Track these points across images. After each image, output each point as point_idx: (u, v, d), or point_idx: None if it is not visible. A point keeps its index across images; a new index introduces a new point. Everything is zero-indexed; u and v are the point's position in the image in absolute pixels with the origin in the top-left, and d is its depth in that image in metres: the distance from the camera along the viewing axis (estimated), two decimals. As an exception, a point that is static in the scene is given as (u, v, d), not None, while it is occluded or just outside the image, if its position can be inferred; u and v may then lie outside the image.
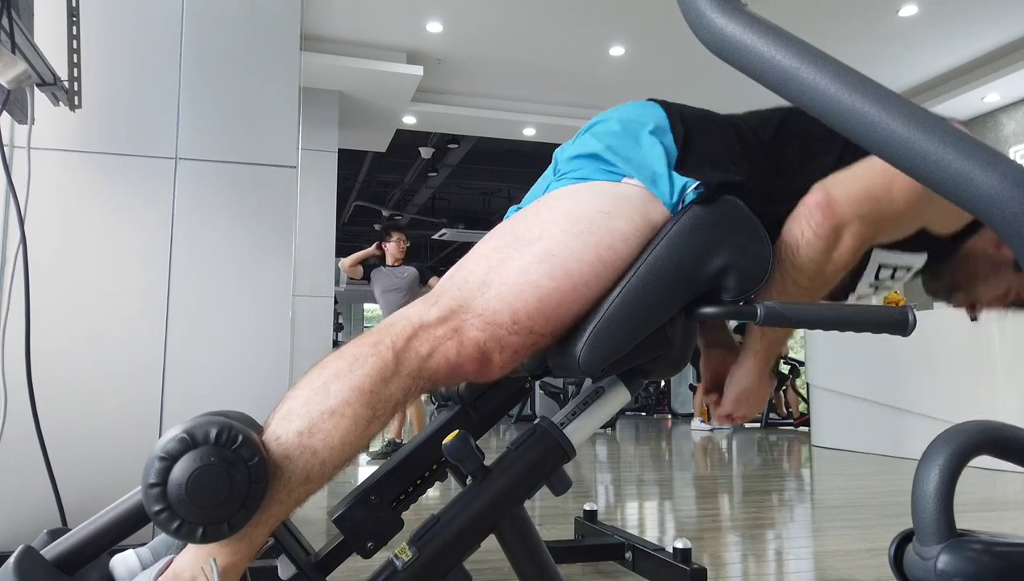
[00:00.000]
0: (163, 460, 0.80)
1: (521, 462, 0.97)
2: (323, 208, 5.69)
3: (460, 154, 8.64)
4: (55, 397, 1.81)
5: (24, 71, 1.40)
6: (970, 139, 0.50)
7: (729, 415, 1.14)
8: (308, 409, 0.87)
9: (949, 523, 0.69)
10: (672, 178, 0.98)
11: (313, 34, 5.32)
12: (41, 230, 1.86)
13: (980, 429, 0.73)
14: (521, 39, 5.48)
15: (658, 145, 1.00)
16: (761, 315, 0.92)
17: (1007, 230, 0.48)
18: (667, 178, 0.98)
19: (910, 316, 0.94)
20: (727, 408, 1.13)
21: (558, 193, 1.03)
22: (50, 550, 0.90)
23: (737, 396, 1.12)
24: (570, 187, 1.02)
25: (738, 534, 2.50)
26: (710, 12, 0.60)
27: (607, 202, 0.98)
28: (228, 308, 1.99)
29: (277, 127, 2.09)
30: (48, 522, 1.27)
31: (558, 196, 1.02)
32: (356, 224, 13.23)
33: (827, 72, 0.55)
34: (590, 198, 0.99)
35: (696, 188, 0.97)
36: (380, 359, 0.89)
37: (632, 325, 0.94)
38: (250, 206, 2.04)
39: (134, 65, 2.00)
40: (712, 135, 1.04)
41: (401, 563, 0.91)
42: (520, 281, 0.93)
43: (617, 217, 0.97)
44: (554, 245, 0.95)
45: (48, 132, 1.89)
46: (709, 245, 0.95)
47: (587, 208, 0.98)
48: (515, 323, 0.93)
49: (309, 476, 0.87)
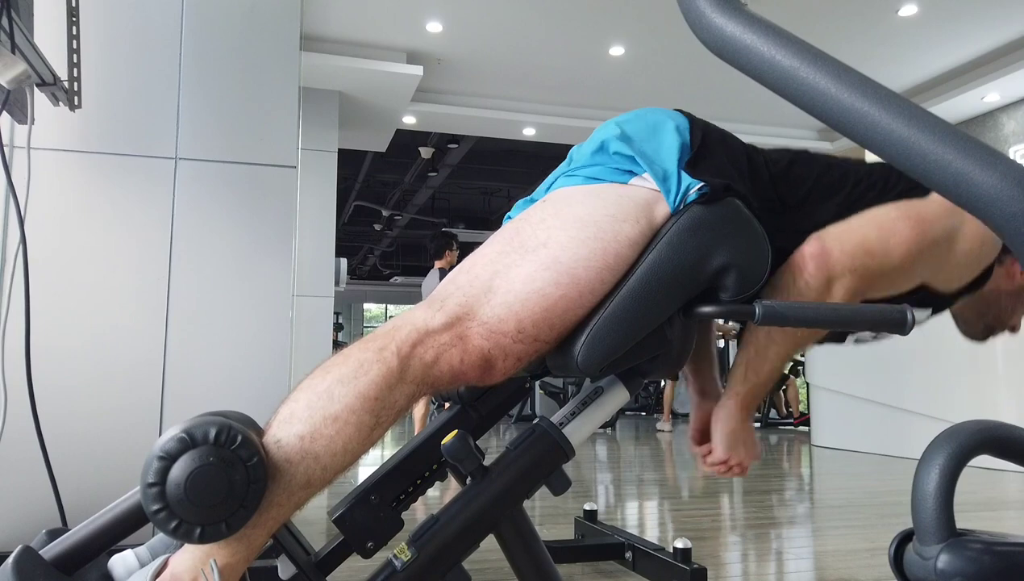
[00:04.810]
0: (162, 459, 0.80)
1: (520, 462, 0.97)
2: (323, 208, 5.69)
3: (460, 154, 8.64)
4: (55, 397, 1.80)
5: (24, 71, 1.40)
6: (970, 139, 0.50)
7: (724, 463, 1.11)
8: (311, 414, 0.87)
9: (949, 523, 0.69)
10: (680, 177, 0.98)
11: (313, 34, 5.31)
12: (41, 230, 1.86)
13: (980, 429, 0.73)
14: (521, 39, 5.47)
15: (675, 144, 1.00)
16: (759, 314, 0.92)
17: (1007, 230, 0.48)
18: (676, 177, 0.98)
19: (909, 315, 0.94)
20: (719, 454, 1.11)
21: (564, 195, 1.02)
22: (49, 550, 0.90)
23: (724, 440, 1.09)
24: (576, 189, 1.01)
25: (738, 534, 2.50)
26: (710, 12, 0.60)
27: (614, 206, 0.97)
28: (228, 308, 1.99)
29: (277, 127, 2.09)
30: (48, 522, 1.27)
31: (565, 199, 1.01)
32: (356, 224, 13.23)
33: (827, 72, 0.55)
34: (597, 202, 0.98)
35: (699, 189, 0.97)
36: (385, 365, 0.89)
37: (631, 325, 0.94)
38: (250, 206, 2.04)
39: (134, 65, 2.00)
40: (726, 151, 1.05)
41: (400, 563, 0.91)
42: (526, 289, 0.92)
43: (623, 221, 0.96)
44: (560, 251, 0.94)
45: (48, 132, 1.89)
46: (708, 244, 0.95)
47: (594, 212, 0.97)
48: (520, 332, 0.92)
49: (310, 481, 0.86)
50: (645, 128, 1.04)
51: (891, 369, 5.14)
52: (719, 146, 1.04)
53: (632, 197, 0.98)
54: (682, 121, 1.05)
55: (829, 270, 0.99)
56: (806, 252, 1.00)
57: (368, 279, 18.98)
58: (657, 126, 1.03)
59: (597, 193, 0.99)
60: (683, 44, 5.36)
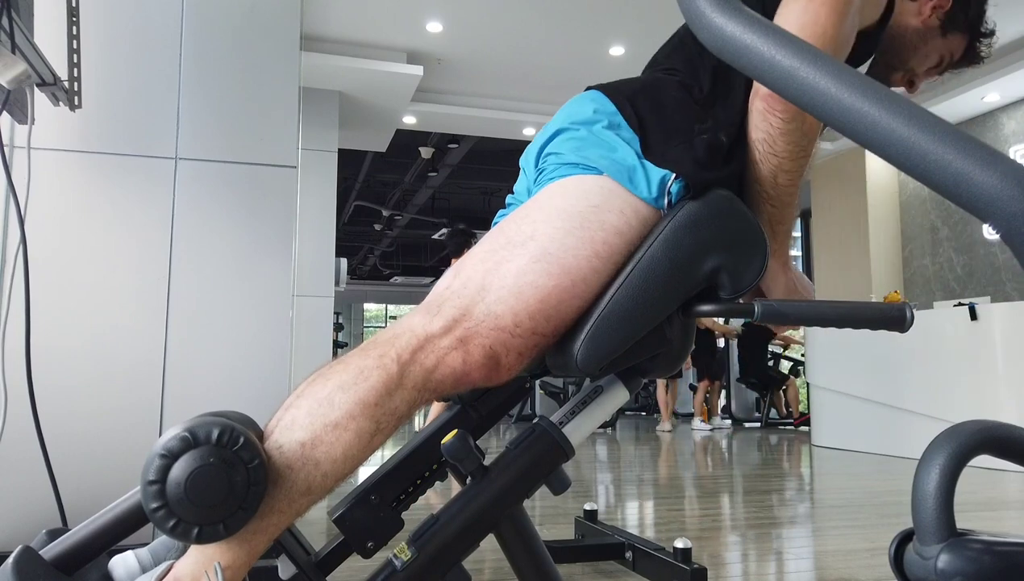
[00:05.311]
0: (163, 458, 0.80)
1: (520, 461, 0.97)
2: (323, 208, 5.69)
3: (460, 154, 8.65)
4: (55, 397, 1.81)
5: (24, 71, 1.40)
6: (970, 139, 0.50)
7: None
8: (312, 420, 0.87)
9: (949, 523, 0.69)
10: (646, 170, 0.97)
11: (313, 34, 5.31)
12: (41, 230, 1.86)
13: (980, 429, 0.73)
14: (521, 39, 5.48)
15: (618, 138, 0.99)
16: (759, 312, 0.92)
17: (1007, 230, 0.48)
18: (641, 172, 0.97)
19: (908, 313, 0.94)
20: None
21: (545, 192, 1.02)
22: (49, 550, 0.90)
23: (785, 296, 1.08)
24: (556, 184, 1.01)
25: (738, 534, 2.50)
26: (710, 12, 0.60)
27: (596, 196, 0.97)
28: (228, 308, 1.99)
29: (277, 127, 2.09)
30: (48, 522, 1.27)
31: (546, 194, 1.01)
32: (356, 224, 13.23)
33: (827, 72, 0.55)
34: (579, 193, 0.98)
35: (676, 179, 0.95)
36: (385, 372, 0.89)
37: (629, 324, 0.94)
38: (250, 206, 2.04)
39: (134, 65, 2.00)
40: (662, 104, 1.03)
41: (400, 563, 0.91)
42: (519, 282, 0.93)
43: (607, 210, 0.96)
44: (548, 243, 0.94)
45: (48, 132, 1.89)
46: (705, 242, 0.95)
47: (577, 203, 0.97)
48: (517, 326, 0.92)
49: (310, 487, 0.87)
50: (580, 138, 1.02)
51: (891, 369, 5.14)
52: (653, 103, 1.02)
53: (611, 188, 0.97)
54: (605, 104, 1.03)
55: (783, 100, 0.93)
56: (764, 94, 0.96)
57: (368, 279, 18.99)
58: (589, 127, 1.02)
59: (577, 185, 0.99)
60: (683, 44, 5.35)
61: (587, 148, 1.01)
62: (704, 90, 1.05)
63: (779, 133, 0.97)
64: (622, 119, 1.01)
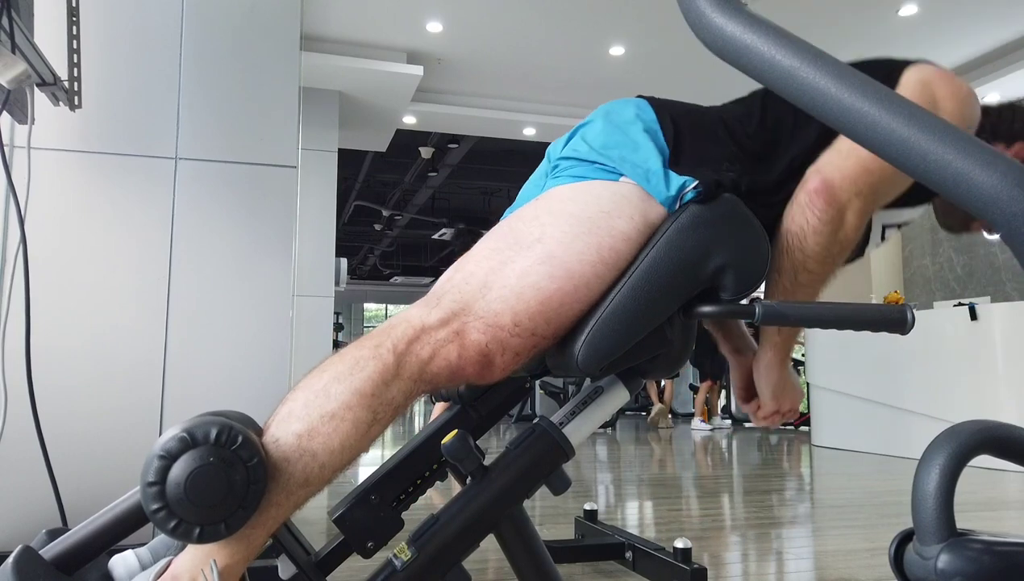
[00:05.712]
0: (162, 459, 0.80)
1: (520, 462, 0.97)
2: (323, 208, 5.69)
3: (460, 154, 8.64)
4: (55, 397, 1.81)
5: (24, 71, 1.40)
6: (970, 139, 0.50)
7: (776, 412, 1.12)
8: (308, 412, 0.87)
9: (949, 523, 0.69)
10: (668, 176, 0.98)
11: (313, 34, 5.31)
12: (41, 230, 1.86)
13: (980, 429, 0.73)
14: (521, 39, 5.47)
15: (650, 142, 1.00)
16: (759, 314, 0.92)
17: (1007, 230, 0.48)
18: (662, 175, 0.98)
19: (908, 315, 0.94)
20: (769, 407, 1.12)
21: (556, 193, 1.02)
22: (49, 550, 0.90)
23: (771, 391, 1.11)
24: (569, 186, 1.02)
25: (738, 534, 2.50)
26: (710, 12, 0.60)
27: (607, 202, 0.97)
28: (228, 308, 1.99)
29: (277, 127, 2.09)
30: (48, 522, 1.27)
31: (557, 196, 1.02)
32: (356, 224, 13.23)
33: (827, 72, 0.55)
34: (590, 198, 0.99)
35: (695, 187, 0.97)
36: (381, 362, 0.89)
37: (630, 324, 0.94)
38: (250, 206, 2.04)
39: (134, 65, 2.00)
40: (702, 132, 1.04)
41: (400, 563, 0.91)
42: (521, 283, 0.93)
43: (617, 217, 0.96)
44: (555, 246, 0.95)
45: (48, 132, 1.89)
46: (707, 244, 0.95)
47: (587, 208, 0.97)
48: (517, 326, 0.92)
49: (308, 479, 0.86)
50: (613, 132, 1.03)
51: (891, 369, 5.14)
52: (694, 132, 1.04)
53: (624, 193, 0.98)
54: (647, 112, 1.04)
55: (837, 202, 0.98)
56: (811, 189, 0.99)
57: (368, 279, 18.99)
58: (626, 134, 1.02)
59: (589, 189, 1.00)
60: (683, 44, 5.36)
61: (610, 141, 1.01)
62: (749, 136, 1.06)
63: (812, 230, 0.99)
64: (659, 128, 1.02)
